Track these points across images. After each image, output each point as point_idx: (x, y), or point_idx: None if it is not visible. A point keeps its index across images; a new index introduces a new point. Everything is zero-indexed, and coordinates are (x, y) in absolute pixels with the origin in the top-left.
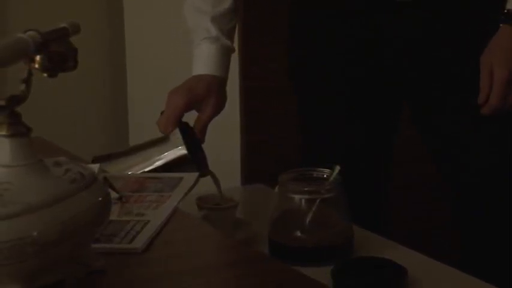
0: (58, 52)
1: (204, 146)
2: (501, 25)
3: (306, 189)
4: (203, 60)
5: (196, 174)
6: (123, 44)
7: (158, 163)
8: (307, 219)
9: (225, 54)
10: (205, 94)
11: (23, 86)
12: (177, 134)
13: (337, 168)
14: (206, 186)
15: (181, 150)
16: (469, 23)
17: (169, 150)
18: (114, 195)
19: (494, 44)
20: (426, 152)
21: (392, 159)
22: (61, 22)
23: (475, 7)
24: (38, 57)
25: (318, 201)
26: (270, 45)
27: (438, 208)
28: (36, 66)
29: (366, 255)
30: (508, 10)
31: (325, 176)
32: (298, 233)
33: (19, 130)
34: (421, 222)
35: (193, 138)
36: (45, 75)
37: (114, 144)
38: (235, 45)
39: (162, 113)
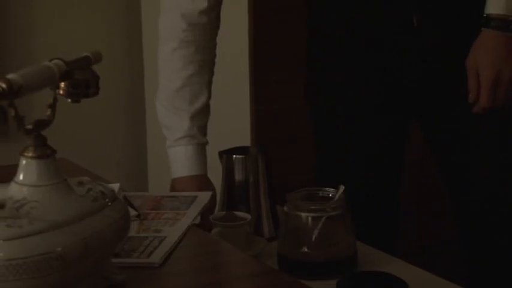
0: (81, 79)
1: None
2: (482, 29)
3: (312, 207)
4: (183, 162)
5: (210, 193)
6: (142, 72)
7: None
8: (314, 236)
9: (203, 151)
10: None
11: (48, 111)
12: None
13: (342, 187)
14: None
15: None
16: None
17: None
18: (133, 212)
19: (477, 47)
20: (435, 171)
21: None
22: (85, 51)
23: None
24: (62, 84)
25: (323, 218)
26: (279, 68)
27: (444, 225)
28: (61, 92)
29: (369, 270)
30: (487, 15)
31: (330, 195)
32: (306, 249)
33: (45, 152)
34: (427, 239)
35: None
36: (69, 100)
37: (133, 165)
38: (246, 68)
39: None
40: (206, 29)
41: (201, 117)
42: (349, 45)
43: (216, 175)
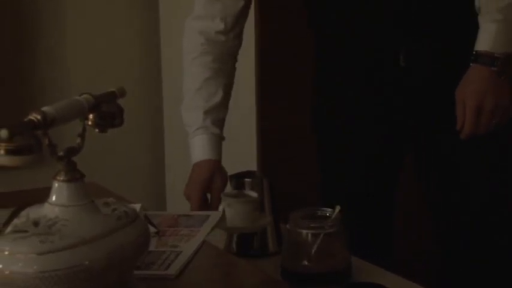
0: (108, 112)
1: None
2: (471, 64)
3: (312, 225)
4: (199, 149)
5: (221, 212)
6: (161, 104)
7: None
8: (313, 250)
9: (216, 141)
10: (211, 174)
11: (78, 140)
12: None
13: (338, 208)
14: None
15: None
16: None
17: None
18: (152, 229)
19: (465, 80)
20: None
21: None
22: (111, 87)
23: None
24: (91, 116)
25: (322, 235)
26: (286, 85)
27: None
28: (90, 123)
29: (362, 281)
30: (476, 51)
31: (327, 214)
32: (306, 262)
33: (74, 176)
34: (427, 240)
35: None
36: (96, 130)
37: (152, 187)
38: (253, 88)
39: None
40: (223, 46)
41: (215, 111)
42: (349, 45)
43: None
